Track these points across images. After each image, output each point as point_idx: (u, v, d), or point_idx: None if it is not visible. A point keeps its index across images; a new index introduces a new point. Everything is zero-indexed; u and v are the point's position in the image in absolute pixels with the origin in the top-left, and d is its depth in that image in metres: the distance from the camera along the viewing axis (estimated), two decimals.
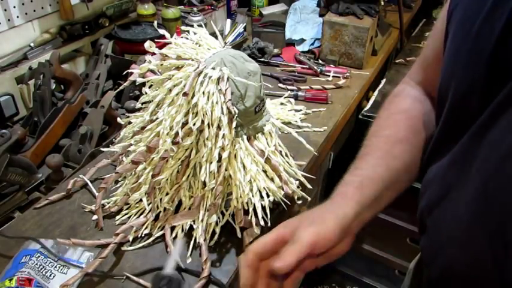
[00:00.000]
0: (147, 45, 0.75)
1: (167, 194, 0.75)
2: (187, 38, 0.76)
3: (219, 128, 0.70)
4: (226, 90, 0.68)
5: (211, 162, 0.70)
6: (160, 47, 0.76)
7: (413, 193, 0.59)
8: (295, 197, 0.75)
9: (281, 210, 0.80)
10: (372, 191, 0.55)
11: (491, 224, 0.42)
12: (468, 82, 0.45)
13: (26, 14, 1.16)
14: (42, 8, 1.20)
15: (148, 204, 0.75)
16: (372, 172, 0.57)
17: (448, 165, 0.50)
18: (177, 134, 0.70)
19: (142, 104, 0.79)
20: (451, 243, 0.49)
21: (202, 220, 0.72)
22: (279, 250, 0.49)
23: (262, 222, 0.73)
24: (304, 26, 1.47)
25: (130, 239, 0.74)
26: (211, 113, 0.68)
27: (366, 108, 1.32)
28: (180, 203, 0.76)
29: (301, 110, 1.10)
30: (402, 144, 0.60)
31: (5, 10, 1.10)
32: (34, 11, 1.18)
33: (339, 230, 0.50)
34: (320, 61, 1.36)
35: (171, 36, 0.76)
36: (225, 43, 0.77)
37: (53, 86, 1.14)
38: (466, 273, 0.47)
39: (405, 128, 0.62)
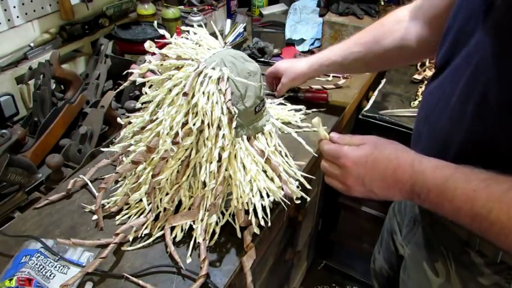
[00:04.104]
0: (147, 45, 0.75)
1: (167, 194, 0.75)
2: (187, 38, 0.76)
3: (219, 128, 0.70)
4: (226, 90, 0.68)
5: (211, 162, 0.70)
6: (160, 47, 0.76)
7: None
8: (295, 197, 0.75)
9: (281, 210, 0.80)
10: (324, 65, 1.00)
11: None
12: (469, 12, 0.59)
13: (26, 14, 1.16)
14: (42, 8, 1.20)
15: (148, 204, 0.75)
16: (332, 54, 0.99)
17: (443, 80, 0.65)
18: (177, 134, 0.70)
19: (142, 104, 0.79)
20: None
21: (202, 220, 0.72)
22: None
23: (262, 222, 0.73)
24: (304, 26, 1.47)
25: (130, 239, 0.74)
26: (211, 113, 0.69)
27: (366, 108, 1.32)
28: (180, 203, 0.76)
29: (301, 110, 1.10)
30: (361, 46, 0.93)
31: (5, 10, 1.10)
32: (34, 11, 1.18)
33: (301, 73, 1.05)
34: None
35: (171, 36, 0.76)
36: (225, 43, 0.77)
37: (53, 86, 1.14)
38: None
39: (372, 35, 0.91)
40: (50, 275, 0.67)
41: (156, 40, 0.89)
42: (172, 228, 0.75)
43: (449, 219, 0.56)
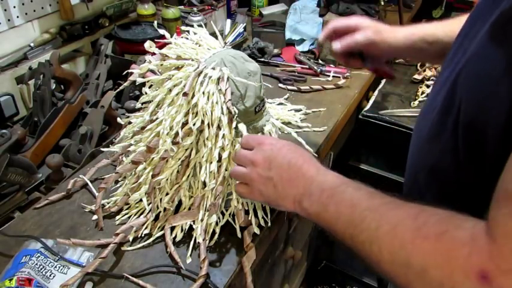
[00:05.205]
0: (147, 45, 0.75)
1: (167, 194, 0.75)
2: (187, 38, 0.76)
3: (219, 128, 0.70)
4: (226, 90, 0.68)
5: (211, 162, 0.70)
6: (160, 47, 0.76)
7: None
8: None
9: (281, 210, 0.80)
10: (426, 42, 0.78)
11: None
12: (476, 17, 0.56)
13: (26, 14, 1.16)
14: (42, 8, 1.20)
15: (148, 204, 0.75)
16: (436, 30, 0.78)
17: (436, 87, 0.63)
18: (177, 134, 0.70)
19: (142, 104, 0.79)
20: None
21: (202, 220, 0.72)
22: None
23: (262, 222, 0.74)
24: (304, 26, 1.47)
25: (130, 239, 0.74)
26: (211, 113, 0.69)
27: (366, 108, 1.33)
28: (180, 203, 0.76)
29: (301, 110, 1.10)
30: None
31: (5, 10, 1.10)
32: (34, 11, 1.18)
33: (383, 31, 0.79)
34: (320, 61, 1.36)
35: (171, 36, 0.76)
36: (225, 43, 0.77)
37: (53, 86, 1.14)
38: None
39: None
40: (50, 275, 0.67)
41: (156, 40, 0.89)
42: (172, 228, 0.75)
43: (326, 229, 0.55)
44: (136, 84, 0.75)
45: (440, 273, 0.39)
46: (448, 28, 0.77)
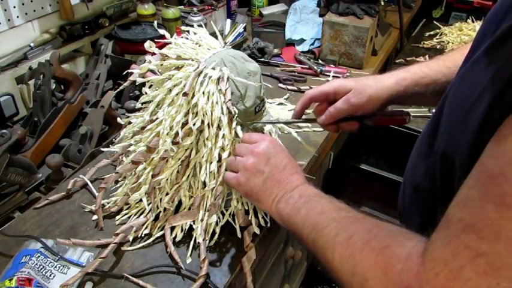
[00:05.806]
0: (147, 45, 0.75)
1: (167, 194, 0.75)
2: (187, 38, 0.76)
3: (219, 128, 0.70)
4: (226, 90, 0.68)
5: (211, 162, 0.70)
6: (160, 47, 0.76)
7: None
8: None
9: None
10: (422, 84, 0.70)
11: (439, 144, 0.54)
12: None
13: (26, 14, 1.16)
14: (42, 8, 1.20)
15: (148, 204, 0.75)
16: (429, 70, 0.71)
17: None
18: (177, 134, 0.70)
19: (142, 104, 0.79)
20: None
21: (202, 220, 0.72)
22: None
23: (262, 222, 0.74)
24: (304, 26, 1.47)
25: (130, 239, 0.74)
26: (211, 113, 0.69)
27: None
28: (180, 203, 0.76)
29: None
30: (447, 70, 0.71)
31: (5, 10, 1.10)
32: (34, 11, 1.18)
33: (364, 90, 0.69)
34: (320, 61, 1.36)
35: (171, 36, 0.76)
36: (225, 43, 0.77)
37: (53, 86, 1.14)
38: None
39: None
40: (50, 275, 0.67)
41: (156, 40, 0.89)
42: (172, 228, 0.75)
43: (293, 232, 0.59)
44: (136, 84, 0.75)
45: (377, 284, 0.42)
46: (439, 66, 0.71)
